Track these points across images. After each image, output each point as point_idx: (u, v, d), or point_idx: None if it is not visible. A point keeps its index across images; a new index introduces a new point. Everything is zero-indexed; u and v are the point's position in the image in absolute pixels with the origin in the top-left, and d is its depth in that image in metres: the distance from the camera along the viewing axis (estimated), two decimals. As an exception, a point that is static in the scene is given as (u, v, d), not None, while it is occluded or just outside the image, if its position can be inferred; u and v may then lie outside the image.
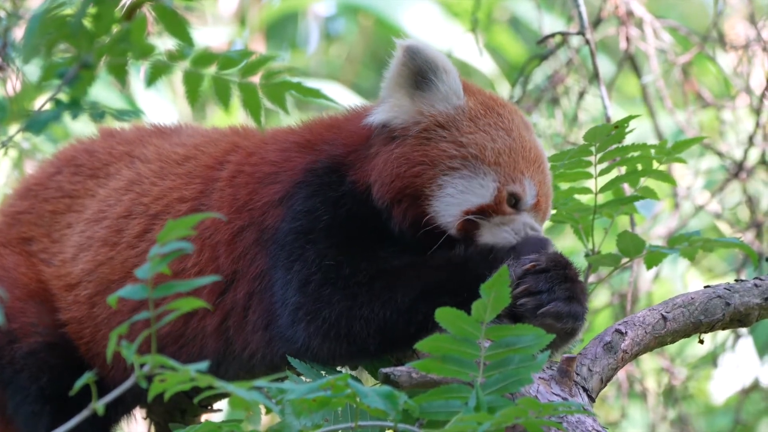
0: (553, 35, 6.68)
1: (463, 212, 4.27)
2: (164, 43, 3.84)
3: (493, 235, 4.28)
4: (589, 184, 4.78)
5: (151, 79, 3.88)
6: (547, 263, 4.16)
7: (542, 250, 4.20)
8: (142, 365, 3.38)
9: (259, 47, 10.10)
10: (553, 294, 4.13)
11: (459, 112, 4.36)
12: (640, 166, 4.76)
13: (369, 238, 4.30)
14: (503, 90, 8.46)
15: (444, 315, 3.62)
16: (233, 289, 4.41)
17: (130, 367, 3.39)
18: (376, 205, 4.32)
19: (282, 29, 10.62)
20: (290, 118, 4.63)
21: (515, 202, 4.32)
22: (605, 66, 8.28)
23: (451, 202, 4.28)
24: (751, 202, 7.26)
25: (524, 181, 4.33)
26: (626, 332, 4.22)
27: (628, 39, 7.03)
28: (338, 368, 4.30)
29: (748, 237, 7.19)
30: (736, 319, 4.39)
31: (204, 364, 3.36)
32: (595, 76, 6.23)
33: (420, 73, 4.36)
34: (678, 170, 7.48)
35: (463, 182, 4.29)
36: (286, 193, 4.39)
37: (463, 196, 4.29)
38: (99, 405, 3.38)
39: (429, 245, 4.27)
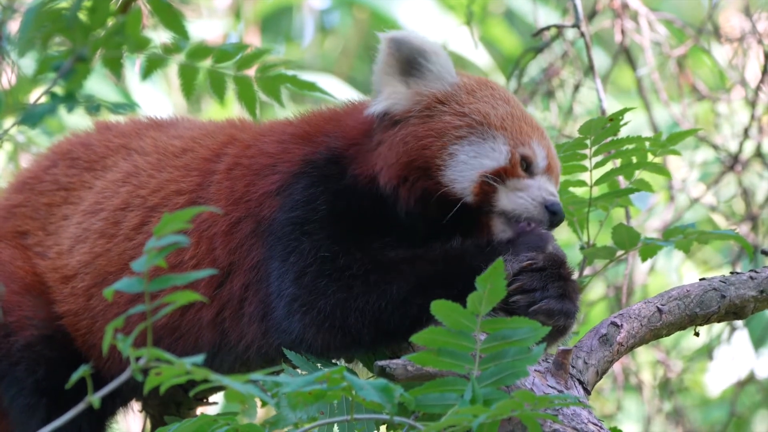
0: (548, 28, 6.68)
1: (480, 174, 4.28)
2: (159, 36, 3.85)
3: (510, 200, 4.29)
4: (584, 176, 4.79)
5: (146, 72, 3.89)
6: (544, 262, 4.17)
7: (541, 247, 4.20)
8: (138, 358, 3.38)
9: (254, 40, 10.10)
10: (546, 292, 4.14)
11: (456, 88, 4.40)
12: (635, 159, 4.76)
13: (366, 231, 4.30)
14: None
15: (439, 308, 3.62)
16: (230, 281, 4.41)
17: (126, 360, 3.39)
18: (382, 193, 4.33)
19: (277, 22, 10.62)
20: (285, 111, 4.62)
21: (527, 165, 4.33)
22: (600, 58, 8.29)
23: (465, 168, 4.29)
24: (746, 194, 7.27)
25: (533, 144, 4.35)
26: (622, 325, 4.23)
27: (623, 31, 7.03)
28: (334, 361, 4.31)
29: (744, 229, 7.20)
30: (732, 312, 4.39)
31: (200, 357, 3.37)
32: (590, 69, 6.23)
33: (409, 60, 4.39)
34: (673, 163, 7.49)
35: (473, 148, 4.31)
36: (284, 184, 4.39)
37: (476, 160, 4.30)
38: (95, 398, 3.38)
39: (437, 222, 4.28)
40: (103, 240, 4.65)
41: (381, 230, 4.31)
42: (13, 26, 3.91)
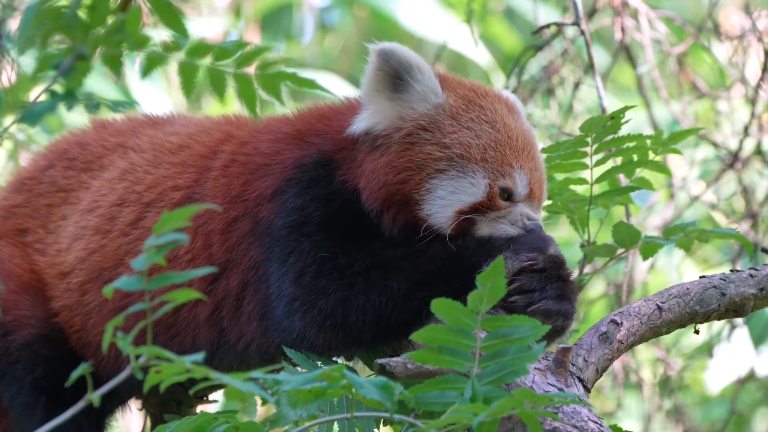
0: (548, 26, 6.67)
1: (457, 212, 4.26)
2: (159, 34, 3.84)
3: (491, 228, 4.28)
4: (585, 174, 4.78)
5: (146, 70, 3.88)
6: (544, 263, 4.16)
7: (541, 249, 4.19)
8: (137, 357, 3.38)
9: (254, 38, 10.10)
10: (544, 292, 4.14)
11: (440, 111, 4.34)
12: (635, 157, 4.76)
13: (362, 231, 4.29)
14: (498, 81, 8.46)
15: (440, 305, 3.62)
16: (226, 277, 4.40)
17: (122, 358, 3.39)
18: (366, 209, 4.31)
19: (277, 20, 10.62)
20: (285, 109, 4.61)
21: (508, 195, 4.31)
22: (600, 56, 8.29)
23: (443, 204, 4.27)
24: (747, 192, 7.27)
25: (514, 174, 4.31)
26: (622, 323, 4.23)
27: (623, 29, 7.03)
28: (334, 359, 4.30)
29: (744, 227, 7.20)
30: (732, 310, 4.39)
31: (200, 356, 3.36)
32: (590, 67, 6.22)
33: (396, 75, 4.34)
34: (673, 161, 7.49)
35: (452, 183, 4.28)
36: (278, 189, 4.38)
37: (454, 196, 4.27)
38: (95, 396, 3.38)
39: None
40: (98, 236, 4.65)
41: (375, 231, 4.30)
42: (13, 24, 3.90)
